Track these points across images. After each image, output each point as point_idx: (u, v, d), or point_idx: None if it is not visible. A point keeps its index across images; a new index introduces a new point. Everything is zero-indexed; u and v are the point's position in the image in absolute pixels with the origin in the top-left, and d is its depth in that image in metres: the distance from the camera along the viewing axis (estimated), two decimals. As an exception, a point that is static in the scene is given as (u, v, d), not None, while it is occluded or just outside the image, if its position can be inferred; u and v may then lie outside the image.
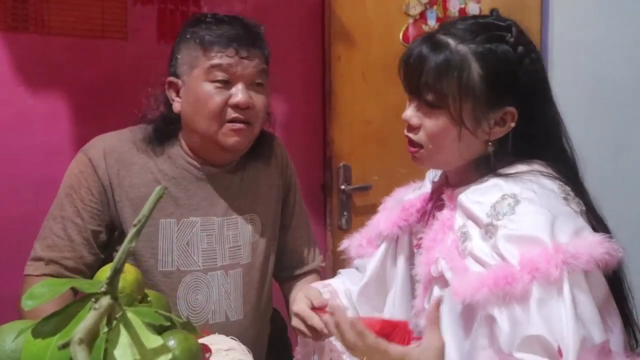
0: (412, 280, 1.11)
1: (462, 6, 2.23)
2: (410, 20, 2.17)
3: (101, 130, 1.39)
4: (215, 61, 1.25)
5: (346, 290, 1.20)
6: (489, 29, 0.97)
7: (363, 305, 1.18)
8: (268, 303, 1.46)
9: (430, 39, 0.98)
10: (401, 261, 1.15)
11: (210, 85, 1.25)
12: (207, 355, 0.87)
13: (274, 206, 1.44)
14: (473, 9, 2.23)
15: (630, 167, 2.51)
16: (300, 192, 1.54)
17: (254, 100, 1.27)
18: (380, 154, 2.14)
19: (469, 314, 0.91)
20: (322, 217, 2.17)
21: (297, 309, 1.12)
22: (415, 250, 1.12)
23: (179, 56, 1.30)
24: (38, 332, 0.60)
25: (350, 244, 1.24)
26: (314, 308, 1.10)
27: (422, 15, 2.19)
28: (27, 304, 0.61)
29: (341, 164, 2.14)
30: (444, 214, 1.01)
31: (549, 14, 2.39)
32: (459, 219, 0.97)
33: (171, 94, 1.31)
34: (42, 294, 0.62)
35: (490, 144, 0.98)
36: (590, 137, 2.50)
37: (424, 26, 2.19)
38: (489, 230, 0.90)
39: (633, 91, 2.50)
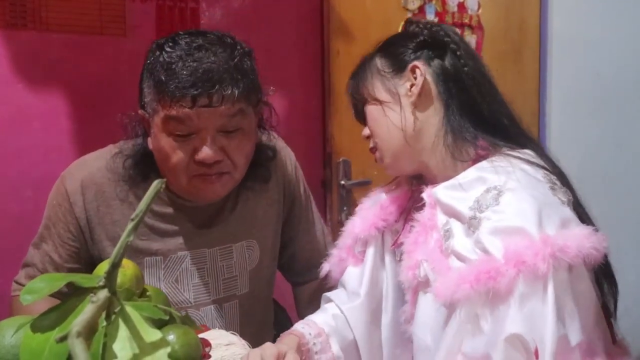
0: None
1: (461, 0, 2.23)
2: (409, 14, 2.17)
3: (100, 127, 1.39)
4: (171, 112, 1.03)
5: (334, 316, 1.11)
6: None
7: (358, 323, 1.11)
8: (268, 322, 1.39)
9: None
10: (388, 265, 1.12)
11: (168, 139, 1.06)
12: (206, 349, 0.87)
13: (274, 226, 1.32)
14: (472, 3, 2.22)
15: (630, 162, 2.51)
16: (310, 197, 1.45)
17: (227, 149, 1.08)
18: (379, 149, 2.14)
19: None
20: (322, 213, 2.16)
21: None
22: (394, 250, 1.10)
23: (144, 90, 1.11)
24: (37, 327, 0.61)
25: (331, 265, 1.19)
26: None
27: (421, 10, 2.19)
28: (26, 298, 0.61)
29: (341, 159, 2.14)
30: (425, 213, 0.98)
31: (548, 9, 2.38)
32: (442, 217, 0.94)
33: (145, 127, 1.16)
34: (40, 288, 0.62)
35: (416, 107, 0.99)
36: (590, 133, 2.50)
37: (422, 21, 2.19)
38: (472, 225, 0.87)
39: (632, 86, 2.50)
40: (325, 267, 1.20)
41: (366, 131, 1.08)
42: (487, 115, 0.97)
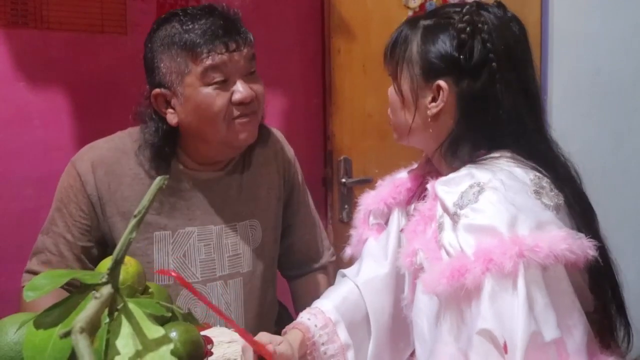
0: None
1: (462, -2, 2.23)
2: (410, 13, 2.17)
3: (101, 125, 1.39)
4: (208, 63, 1.15)
5: (344, 298, 1.11)
6: (450, 8, 1.00)
7: (376, 295, 1.11)
8: (272, 308, 1.42)
9: (411, 19, 1.04)
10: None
11: (208, 89, 1.17)
12: (208, 346, 0.87)
13: (275, 208, 1.39)
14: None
15: (629, 158, 2.52)
16: (307, 190, 1.50)
17: (254, 90, 1.21)
18: (380, 146, 2.14)
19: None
20: (323, 211, 2.17)
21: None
22: (401, 235, 1.11)
23: (161, 65, 1.19)
24: (40, 323, 0.61)
25: (352, 246, 1.21)
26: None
27: (422, 8, 2.19)
28: (28, 295, 0.61)
29: (342, 158, 2.14)
30: (426, 204, 1.00)
31: (549, 5, 2.38)
32: (439, 209, 0.96)
33: (160, 107, 1.22)
34: (43, 285, 0.62)
35: (429, 120, 0.98)
36: (590, 128, 2.50)
37: (423, 19, 2.18)
38: (454, 220, 0.89)
39: (633, 82, 2.50)
40: (348, 251, 1.21)
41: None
42: (496, 130, 0.97)
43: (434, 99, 0.98)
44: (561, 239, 0.82)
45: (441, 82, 0.96)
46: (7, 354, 0.66)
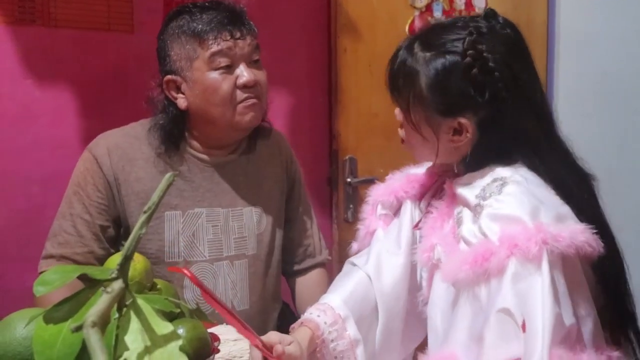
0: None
1: (469, -2, 2.22)
2: (416, 13, 2.17)
3: (107, 123, 1.40)
4: (214, 48, 1.25)
5: (352, 291, 1.10)
6: (447, 35, 0.97)
7: (385, 286, 1.10)
8: (275, 296, 1.46)
9: (407, 44, 1.01)
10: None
11: (215, 73, 1.26)
12: (215, 343, 0.87)
13: (278, 200, 1.45)
14: (479, 0, 2.22)
15: (635, 160, 2.51)
16: (305, 188, 1.55)
17: (257, 76, 1.30)
18: (386, 146, 2.13)
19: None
20: (328, 210, 2.17)
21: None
22: (414, 232, 1.12)
23: (171, 53, 1.29)
24: (50, 318, 0.61)
25: (359, 242, 1.21)
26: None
27: (428, 8, 2.18)
28: (38, 289, 0.61)
29: (347, 157, 2.13)
30: (443, 202, 1.03)
31: (556, 7, 2.38)
32: (457, 207, 0.99)
33: (171, 93, 1.31)
34: (53, 280, 0.62)
35: (453, 149, 0.98)
36: (596, 130, 2.49)
37: (430, 18, 2.18)
38: (476, 211, 0.92)
39: (639, 84, 2.49)
40: (354, 247, 1.22)
41: (398, 118, 1.05)
42: (512, 146, 0.98)
43: (455, 133, 0.97)
44: (580, 232, 0.86)
45: (463, 120, 0.95)
46: (16, 349, 0.66)
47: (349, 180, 2.13)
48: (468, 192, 0.95)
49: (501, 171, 0.95)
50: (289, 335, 0.99)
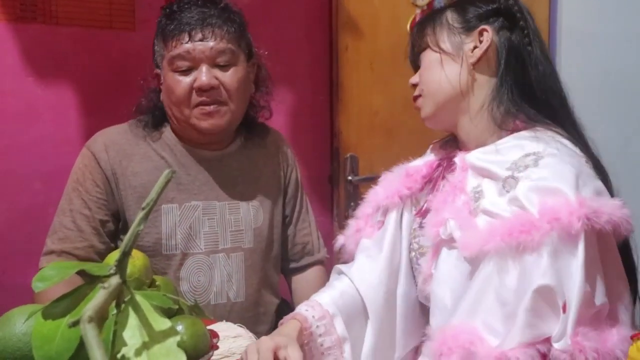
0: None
1: (470, -4, 2.22)
2: (418, 11, 2.17)
3: (109, 120, 1.41)
4: (174, 51, 1.26)
5: (342, 292, 1.10)
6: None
7: (371, 289, 1.10)
8: (272, 290, 1.46)
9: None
10: (405, 233, 1.12)
11: (174, 74, 1.28)
12: (214, 340, 0.88)
13: (276, 196, 1.46)
14: (481, -1, 2.22)
15: (639, 158, 2.50)
16: (303, 186, 1.55)
17: (221, 79, 1.28)
18: (387, 144, 2.14)
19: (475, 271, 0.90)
20: (329, 208, 2.17)
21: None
22: (416, 219, 1.11)
23: (155, 49, 1.35)
24: (48, 314, 0.61)
25: (346, 236, 1.19)
26: None
27: (430, 6, 2.18)
28: (37, 285, 0.62)
29: (348, 155, 2.14)
30: (456, 175, 1.00)
31: (557, 5, 2.37)
32: (472, 180, 0.97)
33: (159, 85, 1.35)
34: (51, 276, 0.62)
35: (474, 67, 1.01)
36: (599, 128, 2.49)
37: (431, 16, 2.18)
38: (507, 184, 0.90)
39: (642, 82, 2.49)
40: (340, 240, 1.20)
41: (415, 78, 1.10)
42: (538, 95, 1.00)
43: (475, 47, 1.02)
44: (618, 207, 0.84)
45: (484, 26, 1.01)
46: (16, 344, 0.67)
47: (349, 178, 2.14)
48: (493, 165, 0.94)
49: (530, 145, 0.93)
50: (280, 338, 0.96)
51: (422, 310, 1.12)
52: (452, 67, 1.03)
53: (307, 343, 1.03)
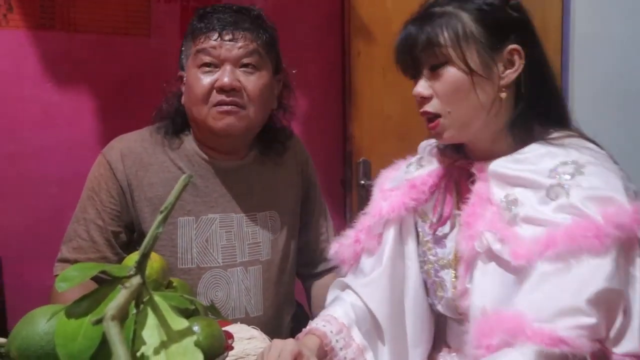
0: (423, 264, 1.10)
1: (482, 1, 2.22)
2: (430, 16, 2.17)
3: (125, 126, 1.42)
4: (201, 46, 1.26)
5: (352, 304, 1.08)
6: None
7: (377, 302, 1.08)
8: (289, 300, 1.45)
9: (414, 18, 1.04)
10: (410, 245, 1.11)
11: (197, 70, 1.26)
12: (229, 341, 0.89)
13: (293, 205, 1.43)
14: (493, 3, 2.22)
15: (653, 163, 2.48)
16: (320, 191, 1.53)
17: (243, 82, 1.26)
18: (399, 149, 2.11)
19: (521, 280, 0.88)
20: (342, 213, 2.18)
21: None
22: (423, 231, 1.09)
23: (182, 49, 1.34)
24: (71, 313, 0.63)
25: (341, 245, 1.16)
26: None
27: (442, 11, 2.19)
28: (60, 285, 0.64)
29: (361, 159, 2.14)
30: (478, 187, 0.98)
31: (570, 8, 2.37)
32: (498, 190, 0.95)
33: (182, 87, 1.34)
34: (74, 277, 0.65)
35: (504, 89, 0.96)
36: (612, 133, 2.47)
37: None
38: (553, 192, 0.89)
39: (656, 86, 2.47)
40: (334, 247, 1.17)
41: (425, 90, 0.99)
42: (555, 108, 1.01)
43: (506, 67, 0.96)
44: None
45: (514, 45, 0.95)
46: (39, 343, 0.69)
47: (362, 182, 2.14)
48: (529, 174, 0.92)
49: (561, 153, 0.92)
50: (304, 346, 0.96)
51: (431, 320, 1.12)
52: (484, 90, 0.96)
53: (329, 358, 1.03)
